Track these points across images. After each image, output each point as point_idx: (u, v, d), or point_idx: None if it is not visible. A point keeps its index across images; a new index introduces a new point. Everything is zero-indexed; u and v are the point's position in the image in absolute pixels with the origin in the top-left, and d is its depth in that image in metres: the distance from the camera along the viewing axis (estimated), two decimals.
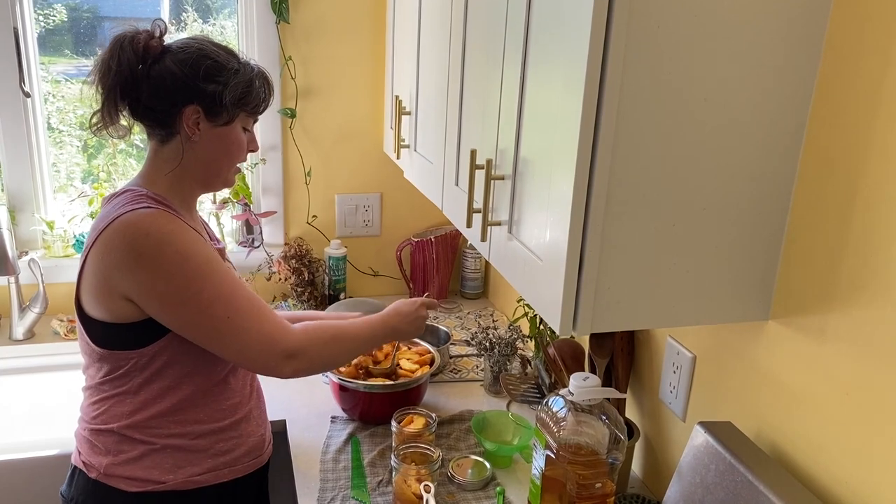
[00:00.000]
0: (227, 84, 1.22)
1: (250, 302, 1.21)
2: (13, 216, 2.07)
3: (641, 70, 0.92)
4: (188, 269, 1.16)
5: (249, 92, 1.26)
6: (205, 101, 1.22)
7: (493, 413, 1.60)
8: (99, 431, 1.26)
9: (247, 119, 1.30)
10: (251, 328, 1.19)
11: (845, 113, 0.96)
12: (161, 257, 1.15)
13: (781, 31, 0.96)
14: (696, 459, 1.14)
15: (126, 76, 1.21)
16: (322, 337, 1.27)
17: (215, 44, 1.27)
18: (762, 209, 1.04)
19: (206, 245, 1.21)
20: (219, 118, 1.24)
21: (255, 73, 1.27)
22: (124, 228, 1.15)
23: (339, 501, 1.37)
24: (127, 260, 1.14)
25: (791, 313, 1.07)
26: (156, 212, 1.17)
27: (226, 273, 1.20)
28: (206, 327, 1.18)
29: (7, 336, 2.03)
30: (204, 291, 1.16)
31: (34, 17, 2.03)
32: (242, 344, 1.19)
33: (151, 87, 1.21)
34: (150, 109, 1.23)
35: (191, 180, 1.29)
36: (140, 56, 1.21)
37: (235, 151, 1.29)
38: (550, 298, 1.01)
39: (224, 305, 1.18)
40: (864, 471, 0.96)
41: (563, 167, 0.96)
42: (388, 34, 2.07)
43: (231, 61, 1.25)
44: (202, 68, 1.21)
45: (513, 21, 1.10)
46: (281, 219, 2.28)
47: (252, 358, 1.21)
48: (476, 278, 2.43)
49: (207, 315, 1.17)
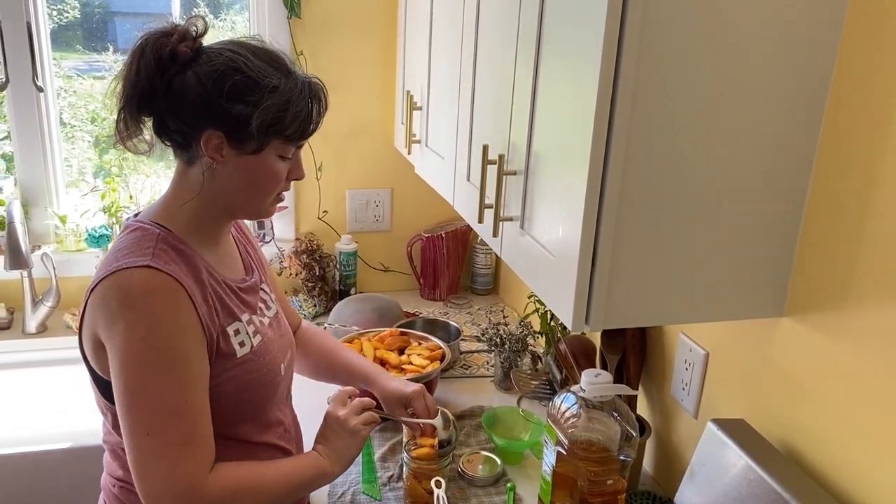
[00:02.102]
0: (258, 105, 1.03)
1: (189, 431, 1.01)
2: (26, 210, 2.08)
3: (655, 66, 0.91)
4: (147, 358, 0.99)
5: (285, 115, 1.05)
6: (229, 125, 1.04)
7: (504, 409, 1.59)
8: (129, 490, 1.12)
9: (284, 147, 1.09)
10: (165, 461, 0.99)
11: (862, 108, 0.95)
12: (132, 331, 0.99)
13: (798, 26, 0.95)
14: (708, 457, 1.14)
15: (144, 87, 1.04)
16: (240, 494, 1.06)
17: (258, 51, 1.07)
18: (777, 205, 1.03)
19: (186, 338, 1.02)
20: (245, 145, 1.05)
21: (296, 92, 1.06)
22: (116, 289, 1.01)
23: (350, 496, 1.37)
24: (109, 320, 1.01)
25: (806, 310, 1.06)
26: (153, 275, 1.01)
27: (184, 380, 1.01)
28: (126, 424, 1.01)
29: (20, 329, 2.04)
30: (145, 392, 0.99)
31: (47, 12, 2.04)
32: (146, 469, 1.00)
33: (170, 103, 1.05)
34: (170, 128, 1.07)
35: (216, 210, 1.12)
36: (163, 64, 1.03)
37: (267, 184, 1.10)
38: (563, 294, 1.00)
39: (156, 418, 0.99)
40: (878, 469, 0.95)
41: (576, 163, 0.95)
42: (400, 29, 2.07)
43: (270, 76, 1.04)
44: (228, 85, 1.02)
45: (526, 15, 1.10)
46: (292, 214, 2.28)
47: (145, 489, 1.00)
48: (487, 274, 2.42)
49: (133, 415, 1.00)
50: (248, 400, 1.14)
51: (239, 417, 1.14)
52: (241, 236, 1.30)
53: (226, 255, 1.19)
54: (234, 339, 1.11)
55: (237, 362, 1.11)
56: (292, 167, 1.13)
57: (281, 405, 1.25)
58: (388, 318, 1.97)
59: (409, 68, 1.96)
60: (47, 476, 1.66)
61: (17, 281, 2.01)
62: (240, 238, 1.29)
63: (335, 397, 1.24)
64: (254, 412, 1.16)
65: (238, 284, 1.18)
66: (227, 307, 1.12)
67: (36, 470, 1.65)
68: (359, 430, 1.19)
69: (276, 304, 1.29)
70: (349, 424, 1.19)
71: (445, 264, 2.33)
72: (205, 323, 1.06)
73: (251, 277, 1.23)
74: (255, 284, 1.23)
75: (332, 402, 1.23)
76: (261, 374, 1.15)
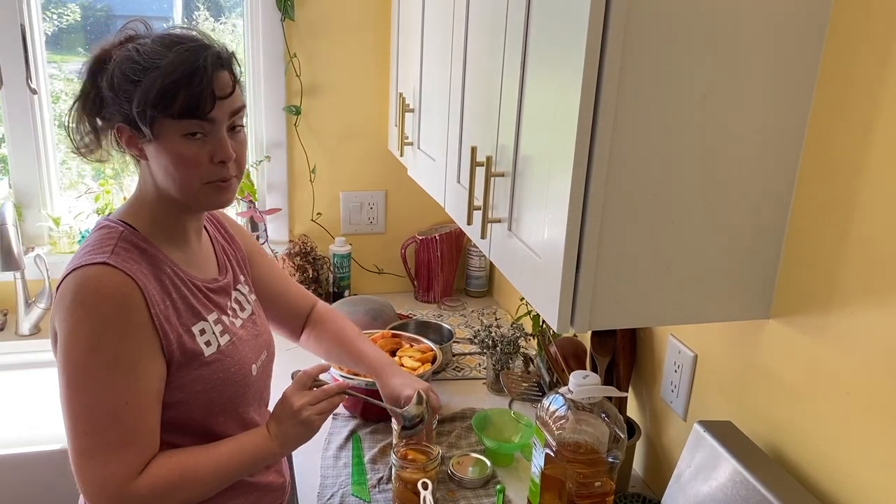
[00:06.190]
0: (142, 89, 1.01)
1: (125, 433, 1.02)
2: (20, 212, 2.08)
3: (639, 68, 0.91)
4: (88, 360, 1.01)
5: (153, 92, 1.00)
6: (127, 116, 1.03)
7: (495, 411, 1.59)
8: None
9: (179, 124, 1.03)
10: (97, 461, 1.01)
11: (847, 109, 0.95)
12: (78, 330, 1.01)
13: (782, 28, 0.95)
14: (694, 459, 1.14)
15: (87, 94, 1.08)
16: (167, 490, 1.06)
17: (163, 37, 1.05)
18: (763, 207, 1.03)
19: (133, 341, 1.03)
20: (143, 132, 1.03)
21: (175, 64, 1.00)
22: (72, 286, 1.03)
23: (340, 498, 1.37)
24: (60, 315, 1.03)
25: (792, 312, 1.06)
26: (108, 272, 1.02)
27: (124, 384, 1.02)
28: (66, 423, 1.03)
29: (13, 331, 2.04)
30: (85, 391, 1.01)
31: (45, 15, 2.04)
32: (80, 467, 1.03)
33: (99, 106, 1.08)
34: (108, 131, 1.09)
35: (170, 205, 1.12)
36: (94, 70, 1.07)
37: (182, 168, 1.05)
38: (548, 295, 1.00)
39: (92, 419, 1.01)
40: (864, 471, 0.95)
41: (561, 165, 0.95)
42: (393, 32, 2.07)
43: (155, 57, 1.01)
44: (119, 76, 1.03)
45: (512, 19, 1.10)
46: (286, 216, 2.28)
47: (81, 485, 1.03)
48: (481, 276, 2.42)
49: (72, 414, 1.02)
50: (217, 399, 1.14)
51: (210, 414, 1.14)
52: (223, 236, 1.30)
53: (195, 255, 1.19)
54: (200, 338, 1.12)
55: (204, 361, 1.11)
56: (214, 148, 1.06)
57: (256, 406, 1.24)
58: (382, 319, 1.97)
59: (402, 71, 1.97)
60: (40, 478, 1.65)
61: (11, 283, 2.02)
62: (219, 238, 1.29)
63: (296, 380, 1.20)
64: (224, 411, 1.16)
65: (207, 284, 1.18)
66: (191, 307, 1.12)
67: (29, 471, 1.65)
68: (311, 420, 1.17)
69: (253, 305, 1.29)
70: (302, 415, 1.16)
71: (440, 266, 2.33)
72: (158, 322, 1.05)
73: (224, 278, 1.23)
74: (227, 286, 1.23)
75: (292, 385, 1.20)
76: (228, 374, 1.15)
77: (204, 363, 1.11)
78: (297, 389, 1.19)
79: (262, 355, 1.25)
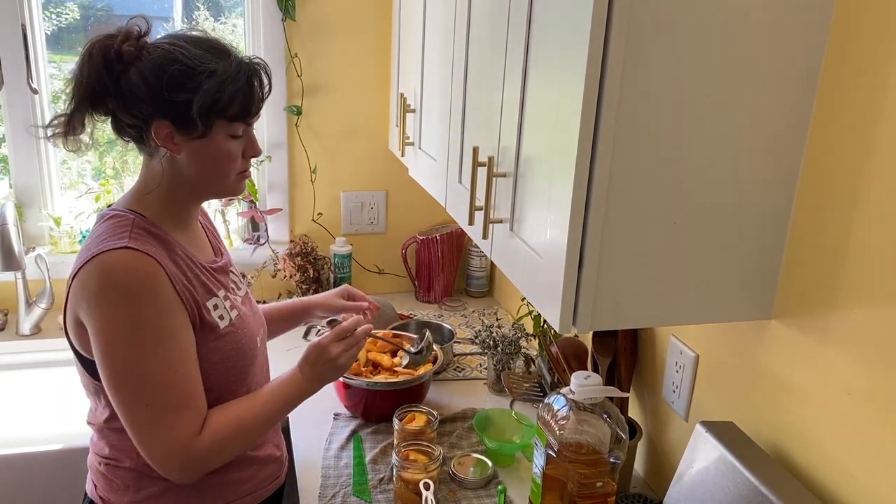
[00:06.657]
0: (196, 91, 1.08)
1: (179, 398, 1.10)
2: (20, 212, 2.08)
3: (641, 69, 0.91)
4: (133, 336, 1.06)
5: (223, 96, 1.09)
6: (174, 114, 1.09)
7: (496, 411, 1.59)
8: (115, 467, 1.20)
9: (231, 127, 1.14)
10: (160, 427, 1.08)
11: (849, 110, 0.95)
12: (116, 311, 1.06)
13: (784, 28, 0.95)
14: (696, 460, 1.14)
15: (95, 88, 1.09)
16: (228, 439, 1.15)
17: (197, 40, 1.12)
18: (765, 207, 1.03)
19: (169, 314, 1.09)
20: (192, 131, 1.10)
21: (231, 73, 1.10)
22: (97, 271, 1.07)
23: (341, 499, 1.37)
24: (91, 300, 1.07)
25: (794, 313, 1.06)
26: (132, 255, 1.07)
27: (171, 353, 1.09)
28: (121, 400, 1.09)
29: (14, 331, 2.04)
30: (137, 366, 1.07)
31: (45, 15, 2.04)
32: (145, 437, 1.09)
33: (120, 100, 1.10)
34: (124, 124, 1.13)
35: (183, 194, 1.19)
36: (109, 64, 1.09)
37: (223, 164, 1.16)
38: (550, 296, 1.00)
39: (148, 390, 1.08)
40: (865, 471, 0.95)
41: (563, 165, 0.95)
42: (394, 31, 2.07)
43: (206, 62, 1.09)
44: (167, 76, 1.07)
45: (515, 19, 1.10)
46: (286, 216, 2.28)
47: (149, 454, 1.10)
48: (482, 276, 2.42)
49: (126, 390, 1.08)
50: (231, 368, 1.21)
51: (226, 383, 1.21)
52: (206, 222, 1.38)
53: (196, 238, 1.26)
54: (214, 312, 1.18)
55: (220, 334, 1.19)
56: (247, 145, 1.19)
57: (260, 374, 1.32)
58: (382, 319, 1.97)
59: (403, 70, 1.96)
60: (40, 478, 1.65)
61: (11, 283, 2.02)
62: (206, 224, 1.37)
63: (336, 333, 1.28)
64: (238, 380, 1.23)
65: (210, 265, 1.25)
66: (203, 284, 1.19)
67: (29, 471, 1.65)
68: (346, 364, 1.28)
69: (244, 285, 1.37)
70: (339, 360, 1.26)
71: (440, 266, 2.33)
72: (184, 297, 1.12)
73: (221, 259, 1.31)
74: (225, 266, 1.31)
75: (331, 335, 1.27)
76: (241, 345, 1.23)
77: (220, 335, 1.18)
78: (335, 340, 1.27)
79: (260, 329, 1.34)
